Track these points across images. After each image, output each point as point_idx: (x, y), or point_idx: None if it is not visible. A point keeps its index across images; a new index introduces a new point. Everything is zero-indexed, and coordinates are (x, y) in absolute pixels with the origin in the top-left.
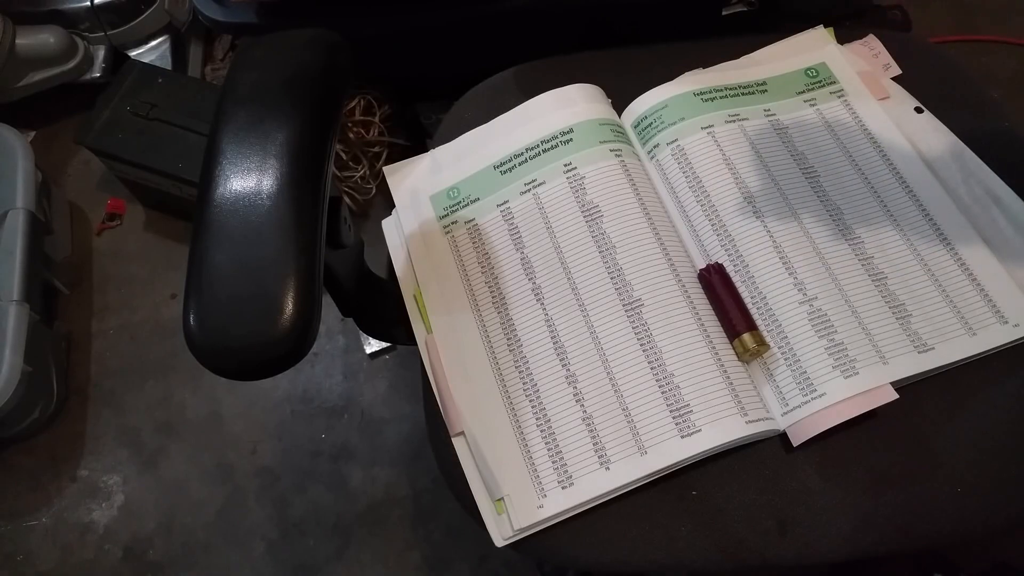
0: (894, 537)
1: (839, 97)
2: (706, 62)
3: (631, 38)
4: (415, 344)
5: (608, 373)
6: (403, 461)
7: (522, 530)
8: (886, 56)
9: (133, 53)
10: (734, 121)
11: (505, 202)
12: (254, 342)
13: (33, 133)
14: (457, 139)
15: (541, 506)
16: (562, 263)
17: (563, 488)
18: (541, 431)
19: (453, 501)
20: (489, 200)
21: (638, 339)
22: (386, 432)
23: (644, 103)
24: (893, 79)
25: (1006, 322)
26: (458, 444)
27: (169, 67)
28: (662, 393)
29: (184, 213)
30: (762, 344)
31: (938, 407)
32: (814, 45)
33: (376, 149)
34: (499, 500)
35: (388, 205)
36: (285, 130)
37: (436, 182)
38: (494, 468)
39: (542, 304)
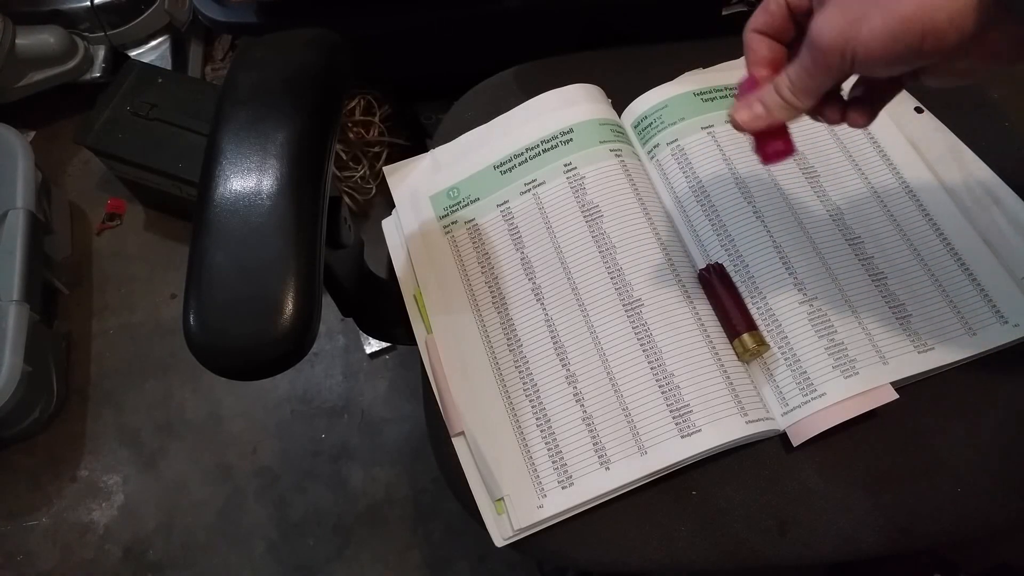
0: (894, 537)
1: None
2: (706, 62)
3: (631, 38)
4: (415, 344)
5: (608, 373)
6: (403, 461)
7: (522, 530)
8: None
9: (133, 53)
10: None
11: (505, 202)
12: (254, 342)
13: (33, 133)
14: (457, 139)
15: (541, 506)
16: (562, 263)
17: (563, 488)
18: (541, 431)
19: (453, 501)
20: (489, 200)
21: (638, 339)
22: (386, 432)
23: (644, 103)
24: None
25: (1006, 322)
26: (458, 444)
27: (169, 67)
28: (662, 393)
29: (184, 213)
30: (762, 344)
31: (938, 407)
32: None
33: (376, 149)
34: (499, 500)
35: (388, 205)
36: (285, 130)
37: (436, 182)
38: (494, 468)
39: (542, 304)
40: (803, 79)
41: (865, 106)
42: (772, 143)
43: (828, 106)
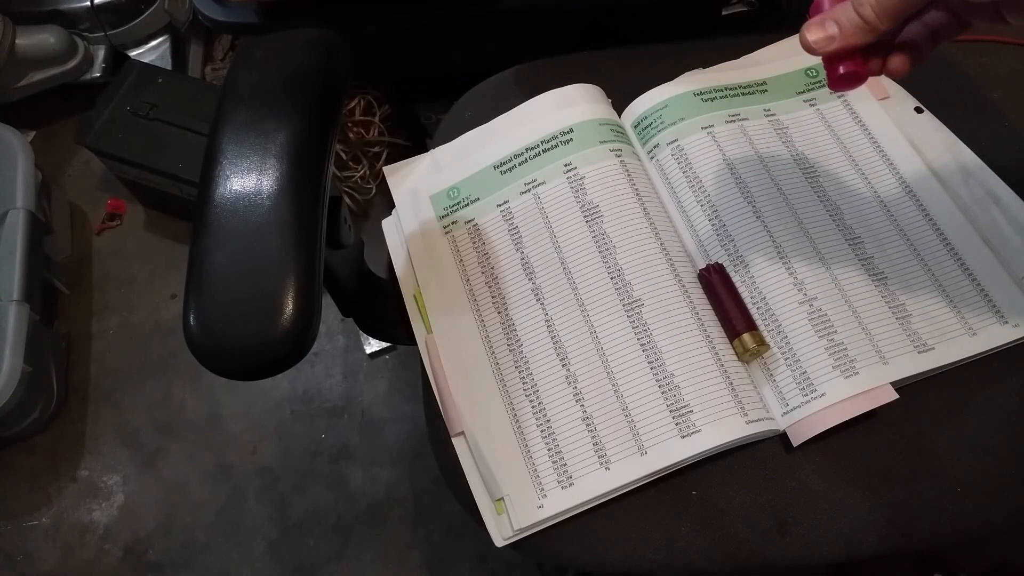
0: (894, 537)
1: (839, 97)
2: (706, 62)
3: (631, 38)
4: (415, 344)
5: (608, 373)
6: (403, 461)
7: (522, 530)
8: None
9: (133, 53)
10: (734, 121)
11: (505, 202)
12: (254, 342)
13: (33, 133)
14: (457, 139)
15: (541, 506)
16: (562, 263)
17: (563, 488)
18: (541, 431)
19: (453, 501)
20: (489, 200)
21: (638, 339)
22: (386, 432)
23: (644, 103)
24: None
25: (1006, 322)
26: (458, 444)
27: (169, 67)
28: (662, 393)
29: (184, 213)
30: (762, 344)
31: (938, 407)
32: None
33: (376, 149)
34: (499, 500)
35: (388, 205)
36: (285, 130)
37: (436, 182)
38: (494, 468)
39: (542, 304)
40: None
41: (913, 51)
42: (843, 64)
43: (874, 53)
